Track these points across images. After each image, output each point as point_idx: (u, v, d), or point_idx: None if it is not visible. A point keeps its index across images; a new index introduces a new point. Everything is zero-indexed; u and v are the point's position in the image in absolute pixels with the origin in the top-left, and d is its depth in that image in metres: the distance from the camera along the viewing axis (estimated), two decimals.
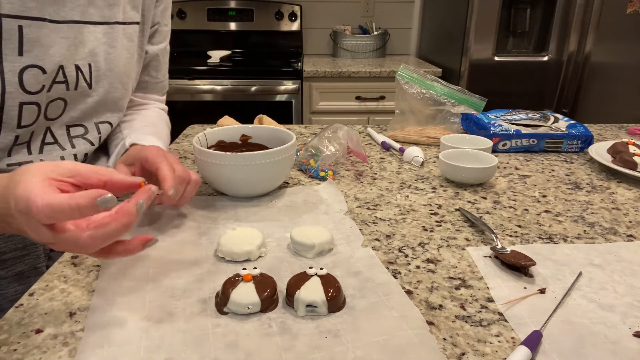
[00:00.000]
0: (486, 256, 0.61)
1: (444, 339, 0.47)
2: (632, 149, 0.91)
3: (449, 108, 1.13)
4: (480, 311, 0.51)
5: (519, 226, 0.70)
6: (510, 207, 0.77)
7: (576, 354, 0.44)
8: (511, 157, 1.01)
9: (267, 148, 0.82)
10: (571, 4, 1.96)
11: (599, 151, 0.96)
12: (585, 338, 0.46)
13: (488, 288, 0.55)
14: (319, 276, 0.51)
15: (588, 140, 1.03)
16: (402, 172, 0.91)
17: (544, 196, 0.81)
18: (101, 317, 0.49)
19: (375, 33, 2.60)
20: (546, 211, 0.75)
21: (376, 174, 0.91)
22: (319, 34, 2.73)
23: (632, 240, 0.66)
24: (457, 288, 0.55)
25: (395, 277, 0.56)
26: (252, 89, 2.18)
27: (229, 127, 0.85)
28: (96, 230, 0.43)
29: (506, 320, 0.49)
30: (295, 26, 2.64)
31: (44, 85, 0.66)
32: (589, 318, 0.49)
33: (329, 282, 0.51)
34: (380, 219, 0.72)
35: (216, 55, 2.41)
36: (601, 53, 2.01)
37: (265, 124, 0.99)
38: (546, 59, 2.05)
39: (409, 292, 0.54)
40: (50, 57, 0.66)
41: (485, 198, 0.80)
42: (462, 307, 0.51)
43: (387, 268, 0.58)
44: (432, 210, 0.75)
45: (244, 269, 0.52)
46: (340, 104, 2.26)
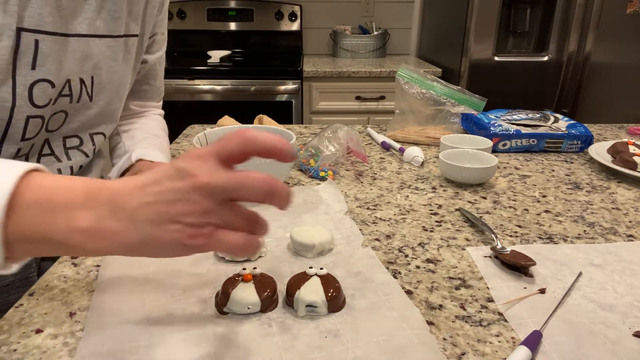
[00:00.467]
0: (486, 256, 0.61)
1: (444, 339, 0.47)
2: (632, 149, 0.91)
3: (449, 108, 1.13)
4: (480, 311, 0.51)
5: (519, 226, 0.70)
6: (510, 207, 0.77)
7: (576, 354, 0.44)
8: (511, 157, 1.01)
9: None
10: (571, 4, 1.96)
11: (599, 151, 0.96)
12: (585, 338, 0.46)
13: (488, 288, 0.55)
14: (319, 276, 0.51)
15: (588, 140, 1.03)
16: (402, 172, 0.91)
17: (544, 196, 0.81)
18: (101, 317, 0.49)
19: (375, 33, 2.60)
20: (546, 211, 0.75)
21: (376, 174, 0.91)
22: (319, 34, 2.73)
23: (632, 240, 0.66)
24: (457, 288, 0.55)
25: (395, 277, 0.56)
26: (252, 89, 2.18)
27: (229, 127, 0.85)
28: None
29: (506, 320, 0.49)
30: (295, 26, 2.64)
31: (51, 99, 0.66)
32: (589, 318, 0.49)
33: (329, 282, 0.51)
34: (380, 219, 0.72)
35: (216, 55, 2.41)
36: (601, 53, 2.01)
37: (265, 124, 0.99)
38: (546, 59, 2.05)
39: (409, 292, 0.54)
40: (60, 71, 0.65)
41: (485, 198, 0.80)
42: (462, 307, 0.51)
43: (387, 268, 0.58)
44: (432, 210, 0.75)
45: (244, 269, 0.52)
46: (340, 104, 2.26)
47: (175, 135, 1.15)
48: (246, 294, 0.49)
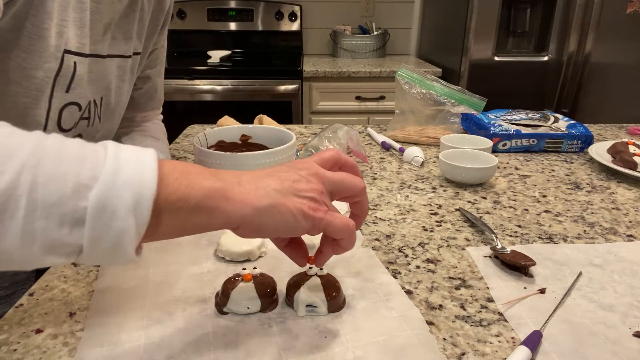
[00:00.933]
0: (486, 256, 0.61)
1: (444, 339, 0.47)
2: (632, 149, 0.91)
3: (449, 108, 1.13)
4: (480, 311, 0.51)
5: (519, 226, 0.70)
6: (510, 207, 0.77)
7: (576, 354, 0.44)
8: (511, 157, 1.01)
9: (267, 148, 0.82)
10: (571, 4, 1.96)
11: (599, 151, 0.96)
12: (585, 338, 0.46)
13: (488, 288, 0.55)
14: (319, 276, 0.51)
15: (588, 140, 1.03)
16: (402, 172, 0.91)
17: (544, 196, 0.81)
18: (101, 317, 0.49)
19: (375, 33, 2.60)
20: (546, 211, 0.75)
21: (376, 174, 0.91)
22: (319, 34, 2.73)
23: (632, 240, 0.66)
24: (457, 288, 0.55)
25: (395, 277, 0.56)
26: (252, 89, 2.18)
27: (229, 127, 0.85)
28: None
29: (506, 320, 0.49)
30: (295, 26, 2.64)
31: (75, 122, 0.65)
32: (589, 318, 0.49)
33: (329, 282, 0.51)
34: (380, 219, 0.72)
35: (216, 55, 2.41)
36: (601, 53, 2.01)
37: (265, 124, 0.99)
38: (546, 59, 2.05)
39: (409, 292, 0.54)
40: (86, 92, 0.64)
41: (485, 198, 0.80)
42: (462, 307, 0.51)
43: (387, 268, 0.58)
44: (432, 210, 0.75)
45: (244, 269, 0.52)
46: (340, 104, 2.26)
47: (175, 135, 1.15)
48: (246, 294, 0.49)
